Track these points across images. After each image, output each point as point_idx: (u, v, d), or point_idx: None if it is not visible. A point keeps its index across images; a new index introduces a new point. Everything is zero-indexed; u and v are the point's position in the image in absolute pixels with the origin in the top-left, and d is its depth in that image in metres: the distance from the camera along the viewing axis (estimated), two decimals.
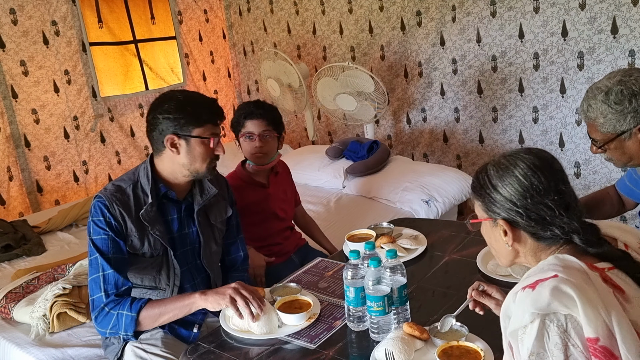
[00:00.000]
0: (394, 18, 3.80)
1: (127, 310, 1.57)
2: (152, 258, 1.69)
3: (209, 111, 1.66)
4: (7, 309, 2.12)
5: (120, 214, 1.63)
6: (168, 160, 1.68)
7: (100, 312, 1.59)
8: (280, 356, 1.43)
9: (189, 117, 1.62)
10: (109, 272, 1.59)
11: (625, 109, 1.48)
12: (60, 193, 3.79)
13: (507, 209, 1.10)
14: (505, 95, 3.51)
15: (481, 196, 1.15)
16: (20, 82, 3.53)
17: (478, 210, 1.20)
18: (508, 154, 1.15)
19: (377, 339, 1.43)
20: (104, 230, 1.61)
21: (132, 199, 1.66)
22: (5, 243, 2.73)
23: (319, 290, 1.74)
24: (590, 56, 3.12)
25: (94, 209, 1.63)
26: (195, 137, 1.63)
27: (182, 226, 1.77)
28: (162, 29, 4.36)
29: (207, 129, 1.65)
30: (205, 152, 1.66)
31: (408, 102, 3.94)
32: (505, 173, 1.11)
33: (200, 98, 1.71)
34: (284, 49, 4.46)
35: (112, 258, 1.60)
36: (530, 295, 0.96)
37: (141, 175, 1.71)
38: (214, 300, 1.55)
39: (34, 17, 3.56)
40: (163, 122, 1.63)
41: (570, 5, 3.11)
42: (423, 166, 3.48)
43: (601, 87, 1.52)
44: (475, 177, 1.19)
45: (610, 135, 1.54)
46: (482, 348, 1.27)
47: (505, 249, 1.14)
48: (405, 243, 1.95)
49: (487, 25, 3.43)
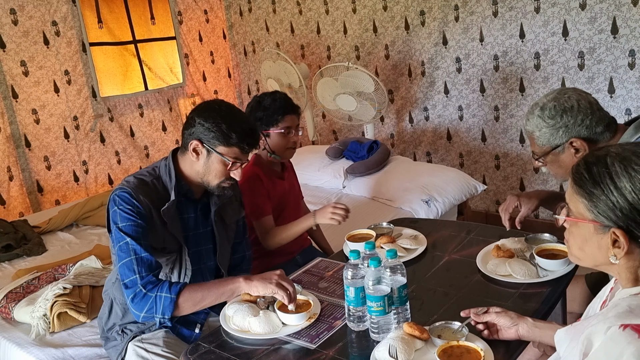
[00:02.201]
0: (398, 18, 3.81)
1: (166, 292, 1.52)
2: (167, 254, 1.68)
3: (242, 136, 1.62)
4: (7, 309, 2.12)
5: (146, 204, 1.60)
6: (189, 162, 1.67)
7: (137, 294, 1.53)
8: (280, 356, 1.43)
9: (219, 133, 1.60)
10: (143, 255, 1.54)
11: (557, 123, 1.57)
12: (61, 193, 3.79)
13: (630, 219, 0.91)
14: (507, 95, 3.51)
15: (591, 195, 0.94)
16: (21, 82, 3.54)
17: (577, 207, 0.98)
18: (634, 147, 0.94)
19: (377, 339, 1.42)
20: (134, 217, 1.57)
21: (154, 192, 1.63)
22: (6, 243, 2.73)
23: (319, 290, 1.74)
24: (590, 56, 3.12)
25: (119, 199, 1.58)
26: (217, 154, 1.62)
27: (197, 225, 1.76)
28: (161, 29, 4.36)
29: (232, 151, 1.62)
30: (221, 171, 1.64)
31: (411, 101, 3.94)
32: (637, 174, 0.90)
33: (240, 119, 1.65)
34: (287, 48, 4.46)
35: (142, 244, 1.56)
36: (634, 342, 0.83)
37: (162, 171, 1.69)
38: (261, 286, 1.54)
39: (35, 18, 3.56)
40: (197, 126, 1.62)
41: (571, 6, 3.11)
42: (423, 166, 3.48)
43: (538, 103, 1.62)
44: (586, 169, 0.96)
45: (546, 148, 1.62)
46: (482, 348, 1.27)
47: (603, 259, 0.97)
48: (405, 243, 1.95)
49: (490, 25, 3.44)
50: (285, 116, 2.13)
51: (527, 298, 1.55)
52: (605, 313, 0.93)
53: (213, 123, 1.60)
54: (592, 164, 0.96)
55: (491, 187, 3.73)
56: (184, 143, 1.67)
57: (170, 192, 1.65)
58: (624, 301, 0.94)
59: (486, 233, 2.03)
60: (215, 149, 1.62)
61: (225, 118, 1.61)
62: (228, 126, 1.60)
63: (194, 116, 1.64)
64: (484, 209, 3.81)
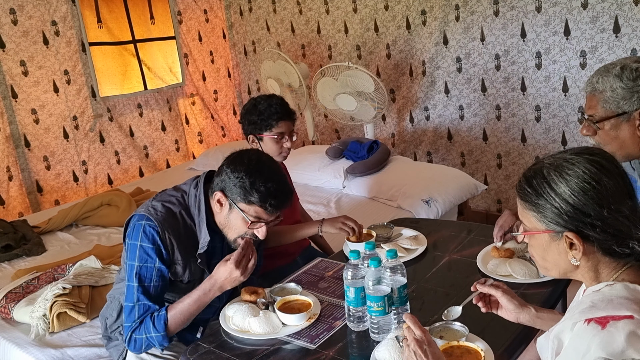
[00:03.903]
0: (399, 17, 3.80)
1: (154, 332, 1.54)
2: (190, 283, 1.65)
3: (264, 196, 1.51)
4: (7, 309, 2.12)
5: (170, 242, 1.57)
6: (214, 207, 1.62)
7: (129, 340, 1.57)
8: (280, 356, 1.43)
9: (242, 189, 1.52)
10: (142, 304, 1.55)
11: (635, 86, 1.45)
12: (60, 193, 3.79)
13: (577, 220, 0.94)
14: (508, 94, 3.51)
15: (538, 206, 0.99)
16: (20, 82, 3.53)
17: (529, 221, 1.03)
18: (565, 154, 0.99)
19: (377, 339, 1.42)
20: (152, 259, 1.55)
21: (182, 225, 1.59)
22: (5, 243, 2.72)
23: (319, 290, 1.73)
24: (592, 55, 3.11)
25: (144, 234, 1.55)
26: (238, 209, 1.54)
27: (223, 254, 1.68)
28: (161, 29, 4.36)
29: (253, 210, 1.54)
30: (241, 227, 1.57)
31: (412, 100, 3.94)
32: (571, 178, 0.95)
33: (267, 177, 1.53)
34: (288, 48, 4.46)
35: (151, 287, 1.56)
36: (599, 335, 0.86)
37: (191, 202, 1.63)
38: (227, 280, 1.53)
39: (34, 17, 3.56)
40: (224, 176, 1.55)
41: (573, 5, 3.10)
42: (423, 166, 3.47)
43: (616, 64, 1.50)
44: (527, 184, 1.01)
45: (611, 112, 1.49)
46: (482, 348, 1.26)
47: (565, 264, 1.00)
48: (405, 243, 1.94)
49: (491, 24, 3.43)
50: (279, 122, 2.11)
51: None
52: (571, 311, 0.97)
53: (238, 177, 1.52)
54: (531, 177, 1.01)
55: (493, 187, 3.72)
56: (212, 188, 1.60)
57: (197, 228, 1.60)
58: (587, 297, 0.97)
59: (487, 233, 2.02)
60: (237, 204, 1.54)
61: (251, 174, 1.52)
62: (252, 184, 1.51)
63: (224, 165, 1.58)
64: (484, 208, 3.80)
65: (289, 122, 2.15)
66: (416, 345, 1.12)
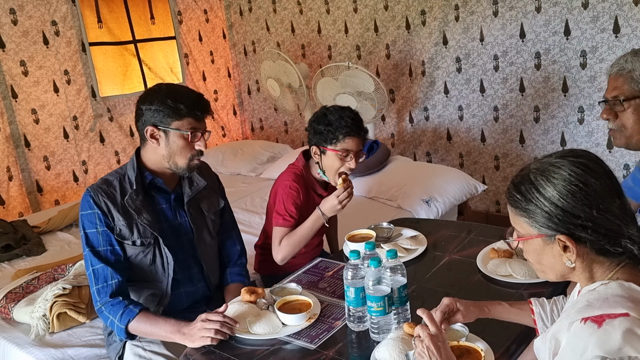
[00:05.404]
0: (399, 17, 3.80)
1: (118, 321, 1.61)
2: (143, 246, 1.70)
3: (191, 105, 1.64)
4: (7, 309, 2.12)
5: (105, 204, 1.66)
6: (152, 150, 1.70)
7: (98, 310, 1.66)
8: (280, 356, 1.43)
9: (168, 109, 1.63)
10: (98, 267, 1.63)
11: None
12: (60, 193, 3.79)
13: (568, 222, 0.95)
14: (507, 95, 3.51)
15: (528, 211, 1.00)
16: (20, 82, 3.53)
17: (522, 227, 1.04)
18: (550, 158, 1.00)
19: (377, 339, 1.42)
20: (93, 224, 1.65)
21: (119, 189, 1.69)
22: (5, 243, 2.72)
23: (319, 290, 1.73)
24: (592, 55, 3.11)
25: (82, 203, 1.67)
26: (173, 130, 1.64)
27: (175, 216, 1.78)
28: (161, 29, 4.36)
29: (187, 122, 1.64)
30: (184, 146, 1.66)
31: (411, 100, 3.94)
32: (558, 181, 0.96)
33: (183, 91, 1.70)
34: (288, 48, 4.45)
35: (101, 250, 1.65)
36: (595, 333, 0.87)
37: (128, 167, 1.74)
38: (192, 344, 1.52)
39: (34, 17, 3.56)
40: (145, 112, 1.65)
41: (573, 5, 3.10)
42: (423, 166, 3.47)
43: None
44: (516, 190, 1.02)
45: (638, 92, 1.46)
46: (482, 348, 1.26)
47: (561, 267, 1.01)
48: (405, 243, 1.94)
49: (490, 25, 3.43)
50: (347, 137, 1.91)
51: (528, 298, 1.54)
52: (567, 311, 0.98)
53: (158, 103, 1.63)
54: (519, 183, 1.02)
55: (491, 188, 3.72)
56: (141, 135, 1.69)
57: (133, 183, 1.69)
58: (583, 297, 0.99)
59: (486, 233, 2.02)
60: (170, 127, 1.64)
61: (168, 94, 1.64)
62: (173, 100, 1.63)
63: (139, 106, 1.68)
64: (484, 209, 3.80)
65: (357, 140, 1.94)
66: (430, 341, 1.12)
